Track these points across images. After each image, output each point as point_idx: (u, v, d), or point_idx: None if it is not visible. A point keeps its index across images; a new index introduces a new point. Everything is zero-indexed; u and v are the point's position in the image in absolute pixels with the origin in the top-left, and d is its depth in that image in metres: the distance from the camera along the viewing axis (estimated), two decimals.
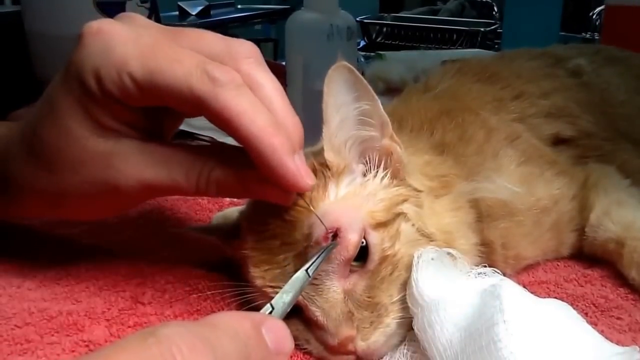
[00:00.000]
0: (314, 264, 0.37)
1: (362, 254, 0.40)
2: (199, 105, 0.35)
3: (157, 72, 0.35)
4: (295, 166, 0.36)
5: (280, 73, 0.74)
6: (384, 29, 1.70)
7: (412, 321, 0.43)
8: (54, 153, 0.40)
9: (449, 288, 0.37)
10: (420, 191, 0.45)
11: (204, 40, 0.38)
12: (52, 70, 0.73)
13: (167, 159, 0.39)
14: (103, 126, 0.38)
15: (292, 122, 0.37)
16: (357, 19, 1.52)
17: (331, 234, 0.39)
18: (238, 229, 0.46)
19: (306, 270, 0.37)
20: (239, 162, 0.37)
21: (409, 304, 0.39)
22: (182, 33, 0.38)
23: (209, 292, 0.48)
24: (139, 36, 0.36)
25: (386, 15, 1.92)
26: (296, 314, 0.41)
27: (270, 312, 0.33)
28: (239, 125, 0.35)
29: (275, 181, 0.36)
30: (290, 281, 0.36)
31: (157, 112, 0.39)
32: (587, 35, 1.60)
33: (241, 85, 0.35)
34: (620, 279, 0.50)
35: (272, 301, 0.34)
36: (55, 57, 0.72)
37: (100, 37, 0.36)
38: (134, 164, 0.39)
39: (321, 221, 0.39)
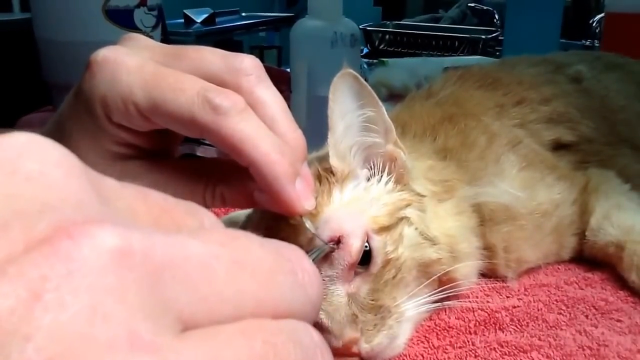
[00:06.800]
0: None
1: (366, 257, 0.41)
2: (203, 133, 0.36)
3: (161, 101, 0.35)
4: (295, 193, 0.36)
5: (284, 79, 0.76)
6: (387, 36, 1.71)
7: (416, 322, 0.44)
8: None
9: None
10: (423, 196, 0.45)
11: (204, 59, 0.38)
12: (62, 76, 0.75)
13: (173, 177, 0.40)
14: (111, 152, 0.39)
15: (294, 137, 0.38)
16: (360, 26, 1.53)
17: (333, 242, 0.40)
18: None
19: None
20: (243, 174, 0.38)
21: None
22: (184, 53, 0.38)
23: None
24: (144, 64, 0.37)
25: (389, 22, 1.92)
26: None
27: None
28: (242, 151, 0.35)
29: (276, 204, 0.37)
30: None
31: (162, 134, 0.40)
32: (587, 43, 1.61)
33: (243, 109, 0.35)
34: (620, 281, 0.51)
35: None
36: (65, 63, 0.74)
37: (106, 66, 0.36)
38: (144, 183, 0.39)
39: (315, 234, 0.40)
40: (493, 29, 1.75)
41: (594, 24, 1.65)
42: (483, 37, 1.60)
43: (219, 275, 0.17)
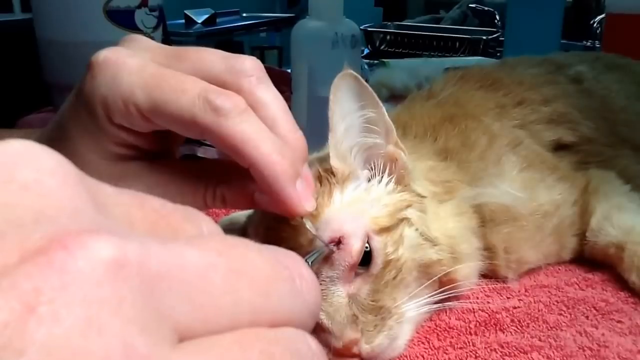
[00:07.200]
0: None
1: (366, 258, 0.41)
2: (203, 134, 0.36)
3: (161, 102, 0.35)
4: (296, 194, 0.36)
5: (285, 80, 0.76)
6: (388, 37, 1.71)
7: (416, 323, 0.44)
8: None
9: None
10: (424, 196, 0.45)
11: (205, 60, 0.38)
12: (62, 76, 0.75)
13: (174, 178, 0.40)
14: (112, 153, 0.39)
15: (295, 138, 0.38)
16: (361, 27, 1.53)
17: (334, 243, 0.40)
18: (245, 233, 0.46)
19: None
20: (243, 175, 0.38)
21: None
22: (185, 54, 0.38)
23: None
24: (145, 65, 0.37)
25: (389, 23, 1.92)
26: None
27: None
28: (243, 152, 0.35)
29: (277, 205, 0.37)
30: None
31: (163, 135, 0.40)
32: (588, 43, 1.61)
33: (244, 111, 0.36)
34: (621, 282, 0.51)
35: None
36: (65, 63, 0.74)
37: (107, 67, 0.36)
38: (145, 183, 0.40)
39: (316, 235, 0.39)
40: (494, 29, 1.75)
41: (594, 25, 1.65)
42: (484, 37, 1.60)
43: (215, 284, 0.16)
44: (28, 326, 0.13)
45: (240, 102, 0.36)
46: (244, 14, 2.42)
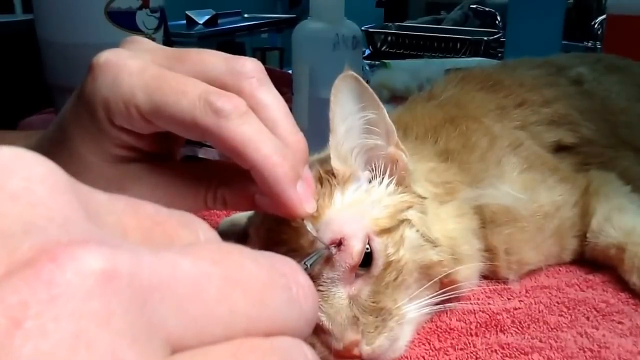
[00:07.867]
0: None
1: (367, 259, 0.41)
2: (204, 136, 0.36)
3: (162, 104, 0.36)
4: (297, 196, 0.36)
5: (286, 81, 0.76)
6: (389, 38, 1.72)
7: (417, 324, 0.44)
8: None
9: None
10: (424, 198, 0.45)
11: (206, 62, 0.38)
12: (63, 78, 0.75)
13: (174, 180, 0.40)
14: (113, 154, 0.40)
15: (295, 140, 0.38)
16: (362, 28, 1.53)
17: (334, 244, 0.40)
18: (246, 235, 0.46)
19: None
20: (244, 177, 0.38)
21: None
22: (186, 56, 0.38)
23: None
24: (146, 67, 0.37)
25: (391, 24, 1.93)
26: None
27: None
28: (244, 154, 0.35)
29: (277, 206, 0.37)
30: None
31: (164, 136, 0.40)
32: (589, 44, 1.61)
33: (244, 113, 0.36)
34: (622, 283, 0.51)
35: None
36: (67, 65, 0.74)
37: (108, 69, 0.37)
38: (145, 185, 0.40)
39: (317, 237, 0.39)
40: (495, 30, 1.75)
41: (595, 26, 1.65)
42: (485, 38, 1.60)
43: (209, 294, 0.16)
44: (14, 341, 0.13)
45: (241, 104, 0.36)
46: (246, 15, 2.43)
